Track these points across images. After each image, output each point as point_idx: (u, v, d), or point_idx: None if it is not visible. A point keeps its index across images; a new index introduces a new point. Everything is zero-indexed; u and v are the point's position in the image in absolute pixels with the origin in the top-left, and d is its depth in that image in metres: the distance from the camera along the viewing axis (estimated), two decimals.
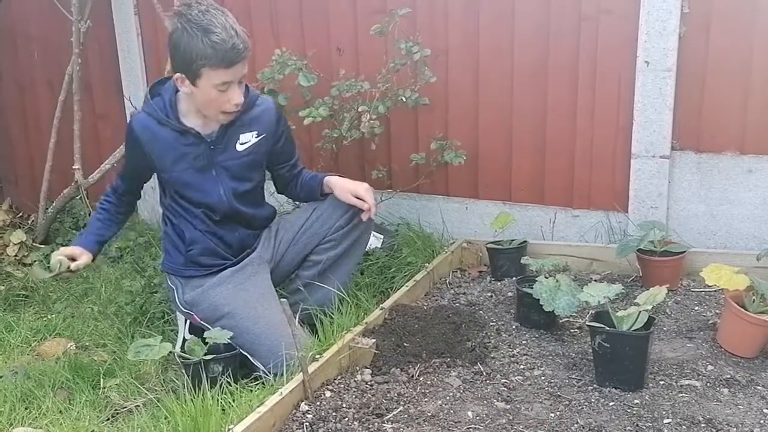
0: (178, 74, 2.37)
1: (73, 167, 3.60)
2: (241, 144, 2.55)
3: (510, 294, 2.77)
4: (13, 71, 4.18)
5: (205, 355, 2.27)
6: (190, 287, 2.52)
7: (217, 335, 2.30)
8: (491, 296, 2.79)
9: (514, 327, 2.53)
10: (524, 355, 2.34)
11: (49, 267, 2.56)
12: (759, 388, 2.09)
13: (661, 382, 2.13)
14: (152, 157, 2.49)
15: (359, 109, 3.05)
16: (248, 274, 2.54)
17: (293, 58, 3.09)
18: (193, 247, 2.53)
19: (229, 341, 2.32)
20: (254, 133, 2.57)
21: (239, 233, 2.59)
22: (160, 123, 2.46)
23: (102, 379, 2.49)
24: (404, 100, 3.04)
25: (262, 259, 2.62)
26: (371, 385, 2.17)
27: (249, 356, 2.38)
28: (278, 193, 2.82)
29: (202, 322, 2.47)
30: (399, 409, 2.04)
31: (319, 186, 2.67)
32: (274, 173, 2.74)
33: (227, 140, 2.52)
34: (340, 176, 2.68)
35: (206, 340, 2.30)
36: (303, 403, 2.07)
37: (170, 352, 2.22)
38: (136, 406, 2.34)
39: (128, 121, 2.56)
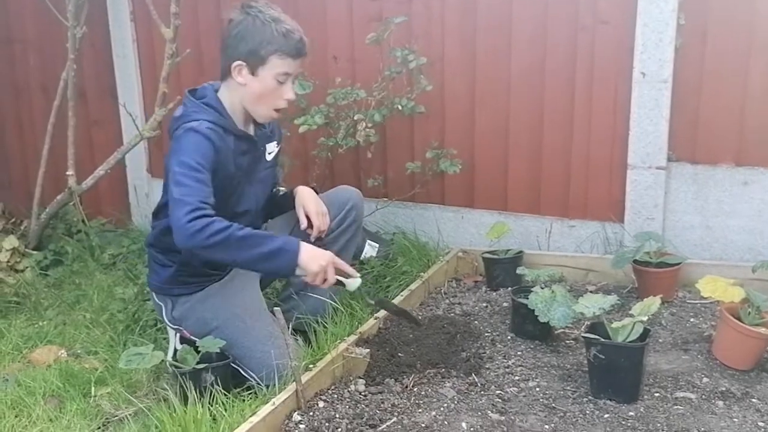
0: (238, 63, 2.32)
1: (67, 173, 3.58)
2: (269, 153, 2.54)
3: (505, 304, 2.76)
4: (8, 76, 4.16)
5: (197, 364, 2.25)
6: (179, 303, 2.49)
7: (209, 344, 2.28)
8: (486, 306, 2.78)
9: (509, 338, 2.52)
10: (519, 366, 2.33)
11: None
12: (754, 400, 2.08)
13: (656, 395, 2.12)
14: (217, 167, 2.30)
15: (355, 117, 3.05)
16: (236, 286, 2.50)
17: None
18: (187, 267, 2.46)
19: (221, 350, 2.30)
20: (275, 143, 2.57)
21: None
22: (225, 130, 2.34)
23: (93, 387, 2.46)
24: (400, 108, 3.04)
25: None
26: (365, 396, 2.16)
27: (240, 369, 2.36)
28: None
29: (191, 337, 2.45)
30: (393, 420, 2.02)
31: (291, 195, 2.63)
32: None
33: (262, 149, 2.50)
34: (313, 188, 2.64)
35: (198, 349, 2.28)
36: (296, 413, 2.05)
37: (162, 360, 2.20)
38: (127, 415, 2.31)
39: (190, 130, 2.27)
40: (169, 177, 2.26)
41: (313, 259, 2.21)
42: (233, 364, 2.34)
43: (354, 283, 2.31)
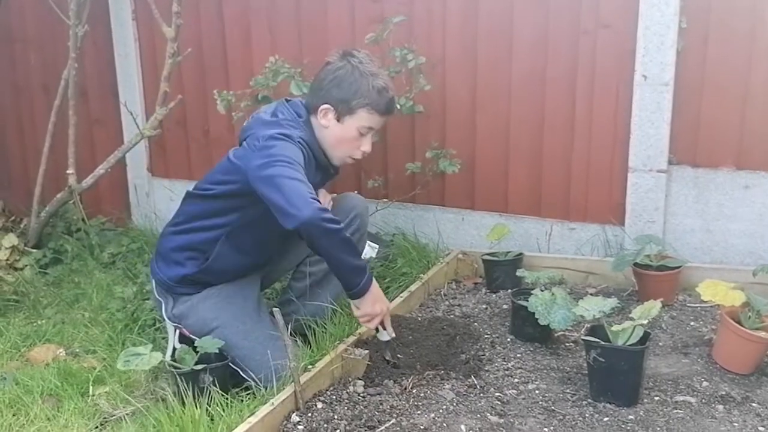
0: (326, 106, 2.38)
1: (67, 171, 3.58)
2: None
3: (505, 306, 2.75)
4: (9, 75, 4.16)
5: (196, 364, 2.24)
6: (180, 302, 2.49)
7: (208, 344, 2.28)
8: (486, 308, 2.78)
9: (508, 340, 2.51)
10: (519, 368, 2.32)
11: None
12: (754, 405, 2.08)
13: (656, 398, 2.11)
14: None
15: None
16: (237, 287, 2.51)
17: (286, 66, 3.08)
18: (205, 274, 2.48)
19: (220, 350, 2.30)
20: (330, 181, 2.64)
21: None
22: (314, 155, 2.40)
23: (91, 387, 2.46)
24: (399, 107, 3.03)
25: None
26: (363, 397, 2.15)
27: (239, 370, 2.36)
28: None
29: (191, 335, 2.44)
30: (391, 422, 2.02)
31: None
32: None
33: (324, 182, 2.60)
34: None
35: (197, 349, 2.27)
36: (294, 414, 2.05)
37: (160, 361, 2.20)
38: (125, 414, 2.31)
39: (289, 138, 2.30)
40: (244, 162, 2.28)
41: (375, 300, 2.26)
42: (232, 365, 2.34)
43: (385, 336, 2.34)
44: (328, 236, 2.12)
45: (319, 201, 2.16)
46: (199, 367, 2.23)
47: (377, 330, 2.33)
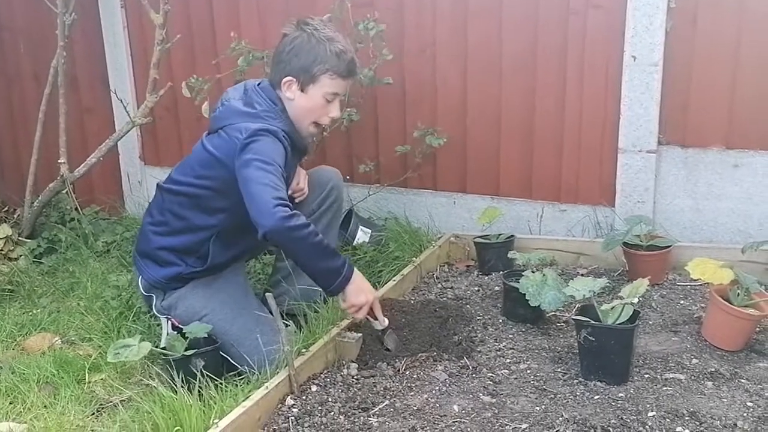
0: (289, 78, 2.37)
1: (59, 161, 3.57)
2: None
3: (497, 288, 2.77)
4: None
5: (186, 350, 2.26)
6: (169, 293, 2.51)
7: (196, 329, 2.30)
8: (478, 290, 2.80)
9: (500, 321, 2.53)
10: (510, 349, 2.34)
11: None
12: (743, 381, 2.10)
13: (646, 376, 2.14)
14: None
15: None
16: (225, 275, 2.53)
17: (243, 43, 3.09)
18: (208, 271, 2.49)
19: (209, 335, 2.32)
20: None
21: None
22: (292, 142, 2.40)
23: (87, 374, 2.48)
24: (362, 78, 3.03)
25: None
26: (357, 379, 2.17)
27: (228, 357, 2.38)
28: None
29: (180, 325, 2.46)
30: (385, 403, 2.04)
31: None
32: None
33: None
34: None
35: (186, 336, 2.29)
36: (289, 397, 2.07)
37: (151, 349, 2.21)
38: (121, 400, 2.32)
39: (270, 133, 2.30)
40: (237, 160, 2.26)
41: (358, 291, 2.25)
42: (222, 353, 2.36)
43: (378, 325, 2.32)
44: (296, 241, 2.15)
45: (290, 207, 2.15)
46: (189, 352, 2.25)
47: (367, 320, 2.33)
